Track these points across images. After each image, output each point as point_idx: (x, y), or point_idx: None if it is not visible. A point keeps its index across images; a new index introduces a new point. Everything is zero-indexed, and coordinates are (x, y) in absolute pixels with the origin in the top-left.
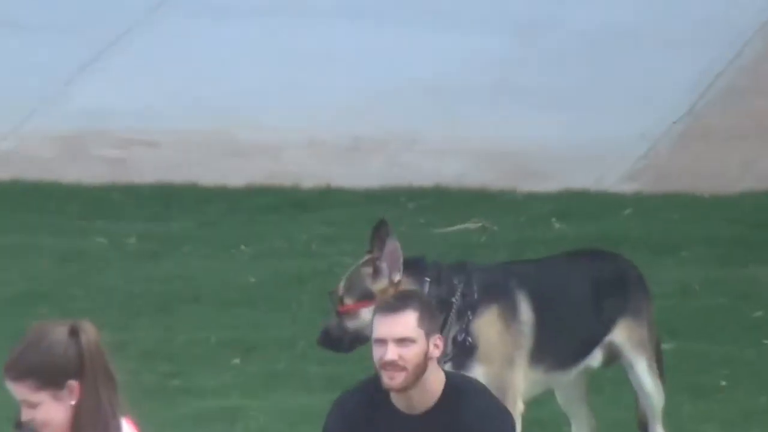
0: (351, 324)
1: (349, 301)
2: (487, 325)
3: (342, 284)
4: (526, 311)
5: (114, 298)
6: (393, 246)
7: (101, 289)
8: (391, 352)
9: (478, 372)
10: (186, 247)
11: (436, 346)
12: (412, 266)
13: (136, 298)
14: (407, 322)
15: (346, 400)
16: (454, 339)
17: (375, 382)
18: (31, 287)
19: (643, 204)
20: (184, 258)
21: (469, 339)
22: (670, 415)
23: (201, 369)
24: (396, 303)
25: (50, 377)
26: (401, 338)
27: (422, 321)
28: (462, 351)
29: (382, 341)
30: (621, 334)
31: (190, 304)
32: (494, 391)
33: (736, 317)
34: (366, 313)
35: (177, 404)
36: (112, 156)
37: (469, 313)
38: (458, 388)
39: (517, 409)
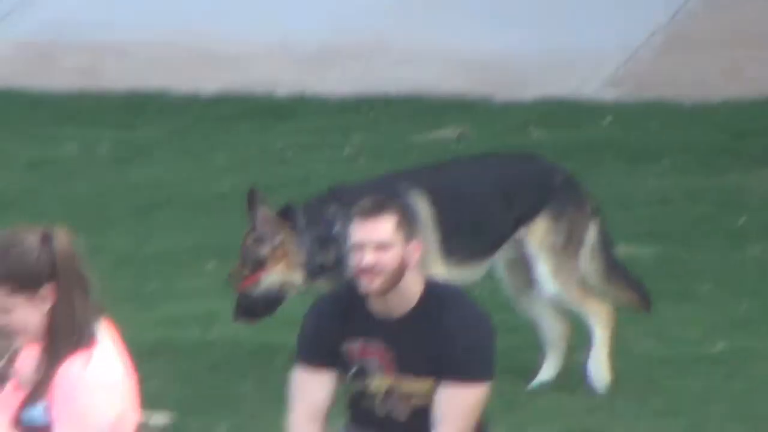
0: (257, 292)
1: (246, 273)
2: None
3: (238, 264)
4: (424, 209)
5: (86, 205)
6: (262, 213)
7: (73, 197)
8: (369, 257)
9: None
10: (157, 154)
11: (414, 251)
12: (284, 217)
13: (109, 204)
14: (385, 228)
15: (322, 305)
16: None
17: (351, 286)
18: (1, 195)
19: (623, 112)
20: (156, 165)
21: None
22: (652, 320)
23: (176, 273)
24: (374, 208)
25: (24, 282)
26: (379, 243)
27: (400, 226)
28: None
29: (360, 246)
30: (529, 234)
31: (163, 210)
32: None
33: (718, 225)
34: (264, 277)
35: (152, 308)
36: (81, 65)
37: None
38: (438, 294)
39: None
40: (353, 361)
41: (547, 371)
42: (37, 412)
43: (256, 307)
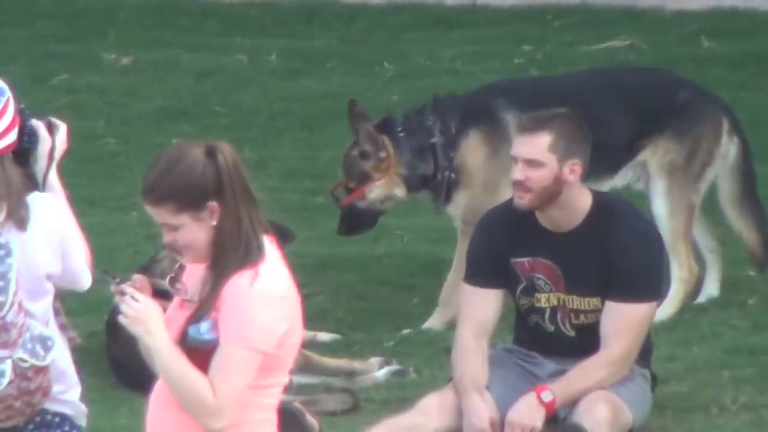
0: (362, 204)
1: (352, 186)
2: (470, 154)
3: (341, 177)
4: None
5: (255, 115)
6: (364, 129)
7: (242, 107)
8: (519, 172)
9: (460, 198)
10: (328, 64)
11: (572, 170)
12: (384, 128)
13: (278, 115)
14: (538, 145)
15: (491, 220)
16: (442, 179)
17: None
18: (170, 104)
19: None
20: (325, 75)
21: (452, 175)
22: None
23: None
24: (532, 124)
25: (190, 199)
26: (529, 159)
27: (556, 145)
28: (448, 187)
29: (514, 160)
30: (651, 153)
31: (333, 122)
32: (472, 216)
33: None
34: (369, 191)
35: (319, 222)
36: None
37: (450, 151)
38: (608, 209)
39: None
40: (522, 276)
41: (712, 286)
42: (203, 329)
43: (360, 221)
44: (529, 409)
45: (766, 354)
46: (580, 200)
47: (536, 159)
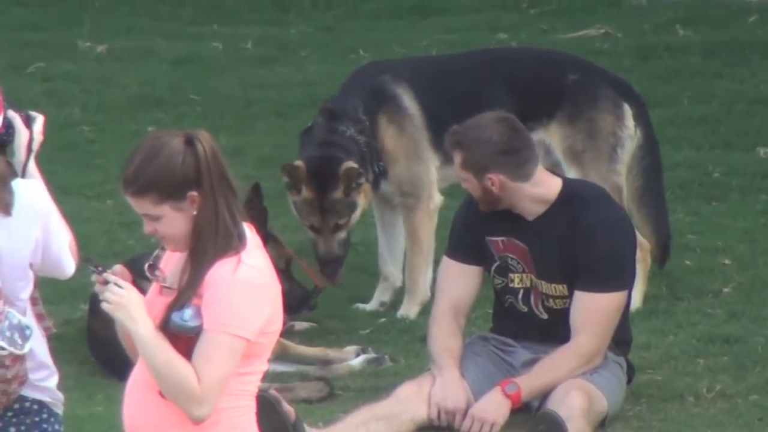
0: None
1: (343, 222)
2: (384, 138)
3: (320, 222)
4: (410, 104)
5: (230, 103)
6: (345, 175)
7: (217, 95)
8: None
9: (391, 177)
10: (303, 52)
11: (492, 183)
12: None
13: (253, 103)
14: (456, 162)
15: (471, 201)
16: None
17: None
18: (145, 92)
19: None
20: (301, 63)
21: (381, 164)
22: None
23: None
24: (448, 141)
25: (171, 190)
26: (458, 174)
27: (467, 162)
28: (381, 176)
29: None
30: (552, 138)
31: (308, 110)
32: (409, 187)
33: None
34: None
35: None
36: None
37: (372, 152)
38: (576, 196)
39: (434, 201)
40: (496, 255)
41: (637, 298)
42: (187, 316)
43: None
44: (491, 405)
45: (741, 343)
46: (542, 189)
47: (459, 175)
